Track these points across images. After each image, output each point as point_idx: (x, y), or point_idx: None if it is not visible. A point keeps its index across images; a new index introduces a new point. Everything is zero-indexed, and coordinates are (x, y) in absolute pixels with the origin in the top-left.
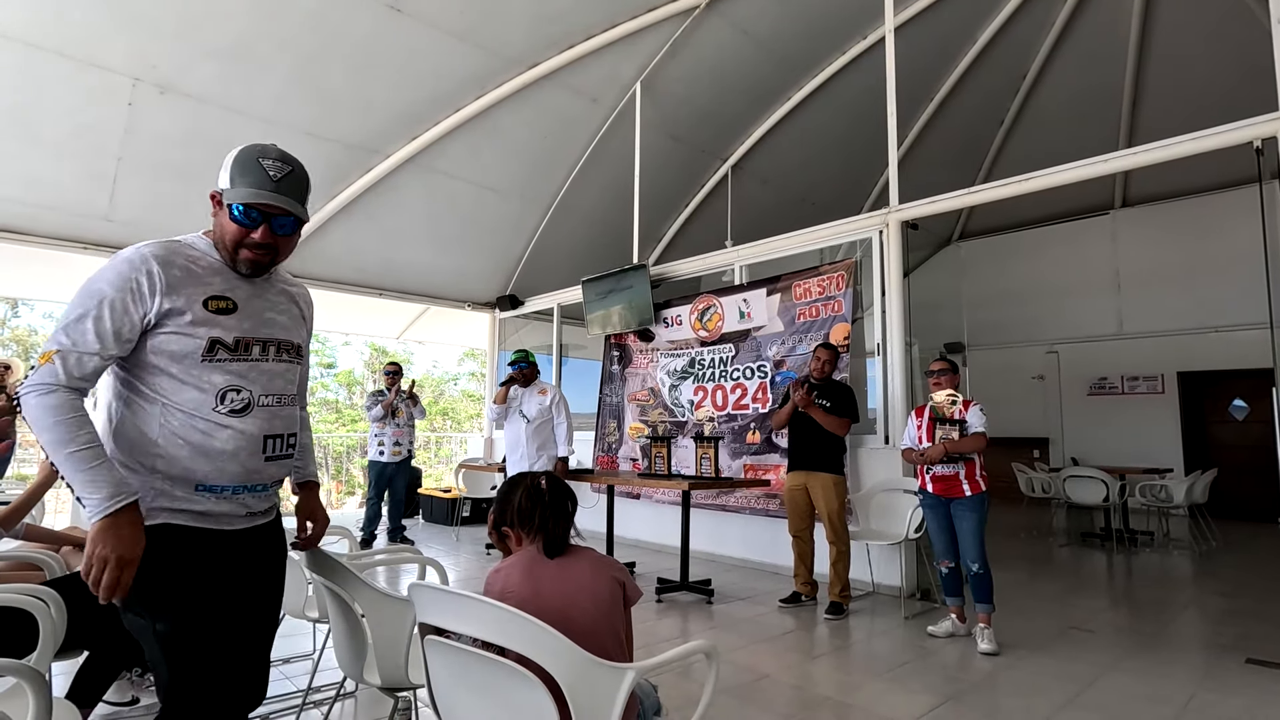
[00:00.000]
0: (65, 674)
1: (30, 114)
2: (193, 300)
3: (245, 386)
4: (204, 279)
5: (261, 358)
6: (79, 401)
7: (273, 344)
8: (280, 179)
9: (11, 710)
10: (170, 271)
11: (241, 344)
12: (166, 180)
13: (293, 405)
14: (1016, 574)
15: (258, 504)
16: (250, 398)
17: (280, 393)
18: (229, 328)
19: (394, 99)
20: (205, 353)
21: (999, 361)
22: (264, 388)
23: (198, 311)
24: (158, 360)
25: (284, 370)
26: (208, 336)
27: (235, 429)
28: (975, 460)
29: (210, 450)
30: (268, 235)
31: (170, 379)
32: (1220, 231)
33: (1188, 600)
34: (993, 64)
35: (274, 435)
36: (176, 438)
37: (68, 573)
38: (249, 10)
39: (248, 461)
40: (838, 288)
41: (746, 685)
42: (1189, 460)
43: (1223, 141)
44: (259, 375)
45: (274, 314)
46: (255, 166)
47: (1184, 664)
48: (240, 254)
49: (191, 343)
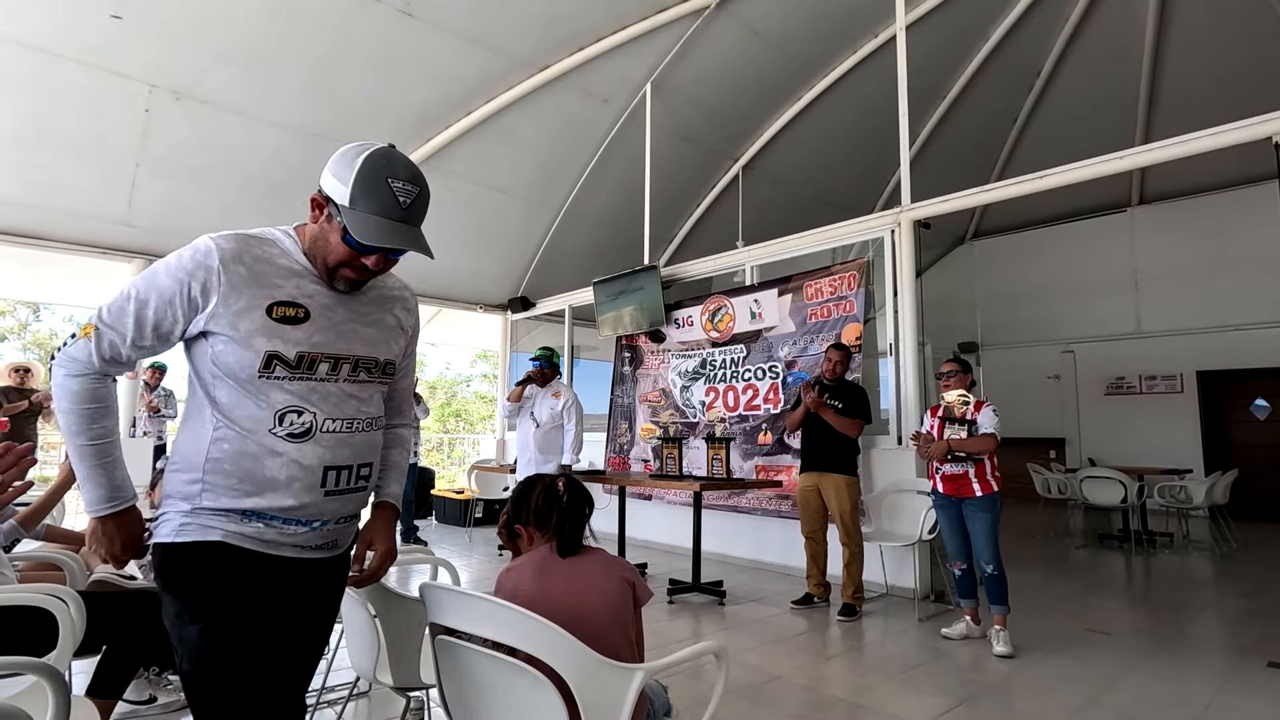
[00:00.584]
0: (84, 672)
1: (50, 121)
2: (254, 305)
3: (307, 408)
4: (274, 281)
5: (329, 377)
6: (103, 389)
7: (346, 361)
8: (410, 205)
9: (31, 708)
10: (235, 269)
11: (305, 360)
12: (183, 185)
13: (372, 430)
14: (1032, 575)
15: (312, 539)
16: (313, 421)
17: (352, 417)
18: (292, 340)
19: (405, 102)
20: (262, 368)
21: (1013, 361)
22: (331, 411)
23: (257, 319)
24: (217, 368)
25: (358, 391)
26: (265, 350)
27: (291, 456)
28: (986, 460)
29: (259, 477)
30: (381, 263)
31: (229, 389)
32: (1239, 228)
33: (1207, 602)
34: (1006, 61)
35: (339, 466)
36: (225, 458)
37: (87, 572)
38: (262, 16)
39: (302, 494)
40: (850, 287)
41: (758, 686)
42: (1209, 461)
43: (1241, 137)
44: (324, 397)
45: (356, 325)
46: (384, 190)
47: (1203, 666)
48: (340, 273)
49: (247, 355)
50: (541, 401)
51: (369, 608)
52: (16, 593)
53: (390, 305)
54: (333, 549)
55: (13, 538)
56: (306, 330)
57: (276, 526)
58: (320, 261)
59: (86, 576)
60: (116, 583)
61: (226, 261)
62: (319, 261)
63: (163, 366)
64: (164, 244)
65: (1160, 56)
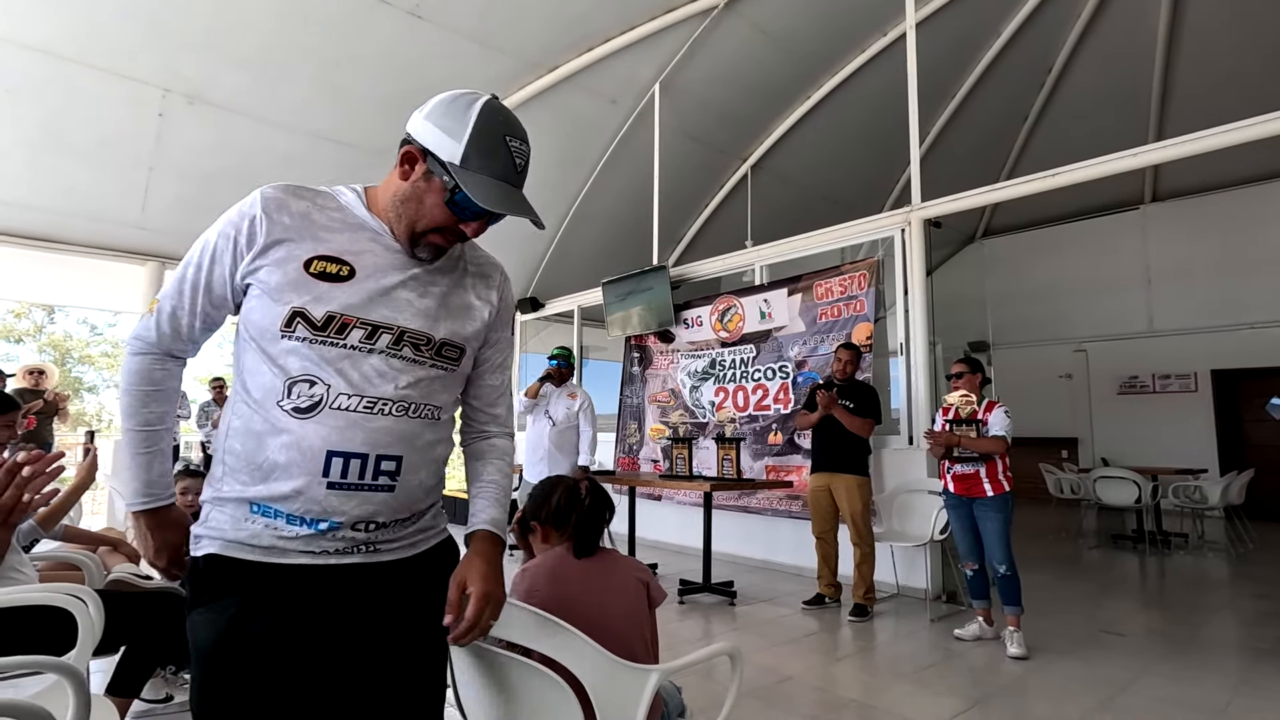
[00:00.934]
0: (101, 671)
1: (64, 126)
2: (293, 257)
3: (320, 379)
4: (320, 233)
5: (362, 346)
6: (160, 371)
7: (387, 331)
8: (523, 168)
9: (51, 706)
10: (278, 218)
11: (335, 323)
12: (196, 187)
13: (406, 418)
14: (1045, 576)
15: (325, 544)
16: (323, 394)
17: (380, 397)
18: (325, 299)
19: (415, 104)
20: (283, 325)
21: (1025, 360)
22: (349, 386)
23: (291, 271)
24: (245, 331)
25: (402, 370)
26: (291, 306)
27: (293, 435)
28: (997, 460)
29: (259, 459)
30: (480, 230)
31: (252, 354)
32: (1254, 225)
33: (1223, 603)
34: (1016, 58)
35: (347, 453)
36: (235, 436)
37: (105, 571)
38: (273, 20)
39: (302, 484)
40: (860, 287)
41: (770, 687)
42: (1224, 460)
43: (1256, 133)
44: (348, 368)
45: (410, 294)
46: (503, 149)
47: (1219, 669)
48: (428, 239)
49: (274, 310)
50: (557, 401)
51: None
52: (37, 592)
53: (467, 279)
54: (365, 554)
55: (32, 538)
56: (346, 290)
57: (278, 526)
58: (406, 224)
59: (104, 576)
60: (133, 583)
61: (270, 210)
62: (403, 224)
63: None
64: (176, 246)
65: (1173, 52)
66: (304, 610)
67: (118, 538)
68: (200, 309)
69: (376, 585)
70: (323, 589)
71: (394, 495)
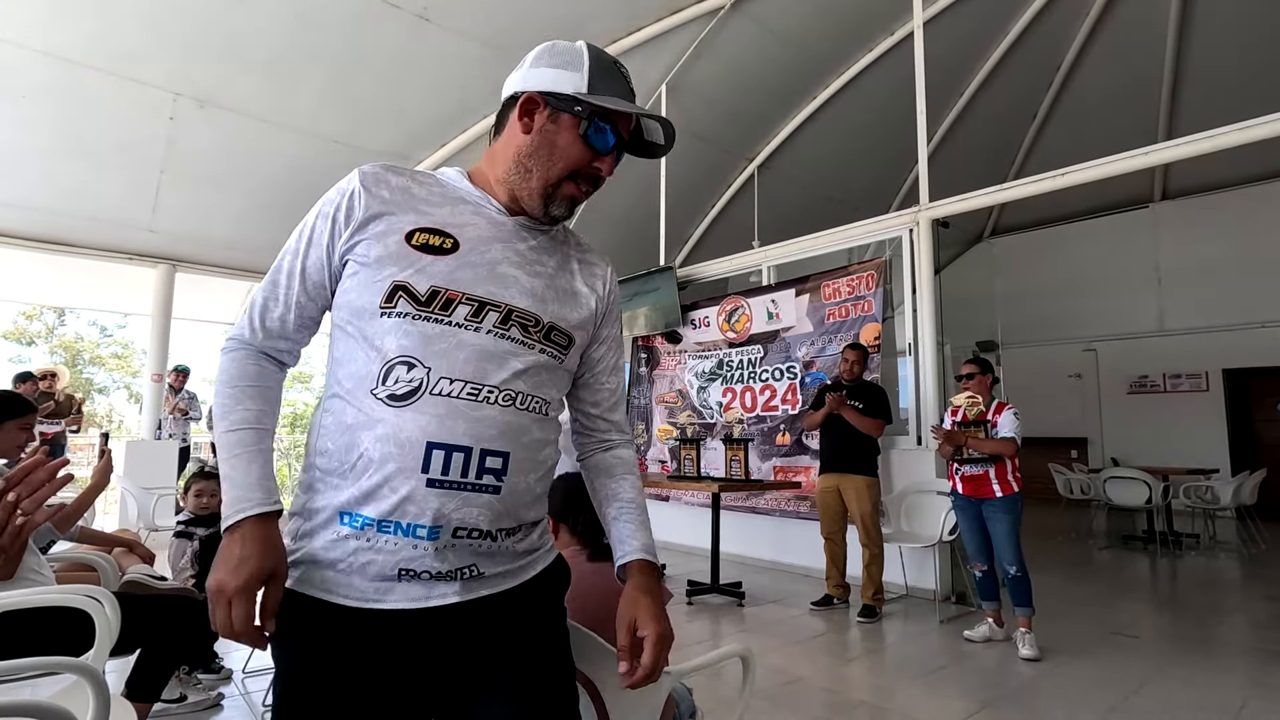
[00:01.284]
0: (116, 672)
1: (77, 130)
2: (394, 229)
3: (420, 362)
4: (420, 206)
5: (467, 324)
6: (255, 367)
7: (495, 309)
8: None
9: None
10: (378, 191)
11: (439, 298)
12: (206, 191)
13: (515, 410)
14: (1055, 577)
15: (423, 559)
16: (423, 379)
17: (485, 383)
18: (429, 273)
19: (424, 107)
20: (384, 302)
21: (1034, 360)
22: (452, 369)
23: (393, 244)
24: (339, 316)
25: (510, 351)
26: (392, 280)
27: (389, 425)
28: (1006, 461)
29: (351, 458)
30: (611, 169)
31: (345, 338)
32: (1265, 223)
33: (1235, 605)
34: (1025, 56)
35: (448, 445)
36: (327, 433)
37: (120, 572)
38: (284, 25)
39: (398, 481)
40: (867, 287)
41: (779, 688)
42: (1235, 460)
43: (1268, 131)
44: (453, 349)
45: (517, 271)
46: (618, 74)
47: (1233, 671)
48: (564, 189)
49: (374, 285)
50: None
51: None
52: (54, 594)
53: (573, 264)
54: (466, 583)
55: (48, 539)
56: (449, 264)
57: (371, 539)
58: (539, 179)
59: (119, 577)
60: (148, 584)
61: (368, 184)
62: (534, 180)
63: (186, 369)
64: (187, 250)
65: (1183, 49)
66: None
67: (132, 539)
68: (295, 299)
69: (482, 627)
70: (419, 639)
71: (499, 498)
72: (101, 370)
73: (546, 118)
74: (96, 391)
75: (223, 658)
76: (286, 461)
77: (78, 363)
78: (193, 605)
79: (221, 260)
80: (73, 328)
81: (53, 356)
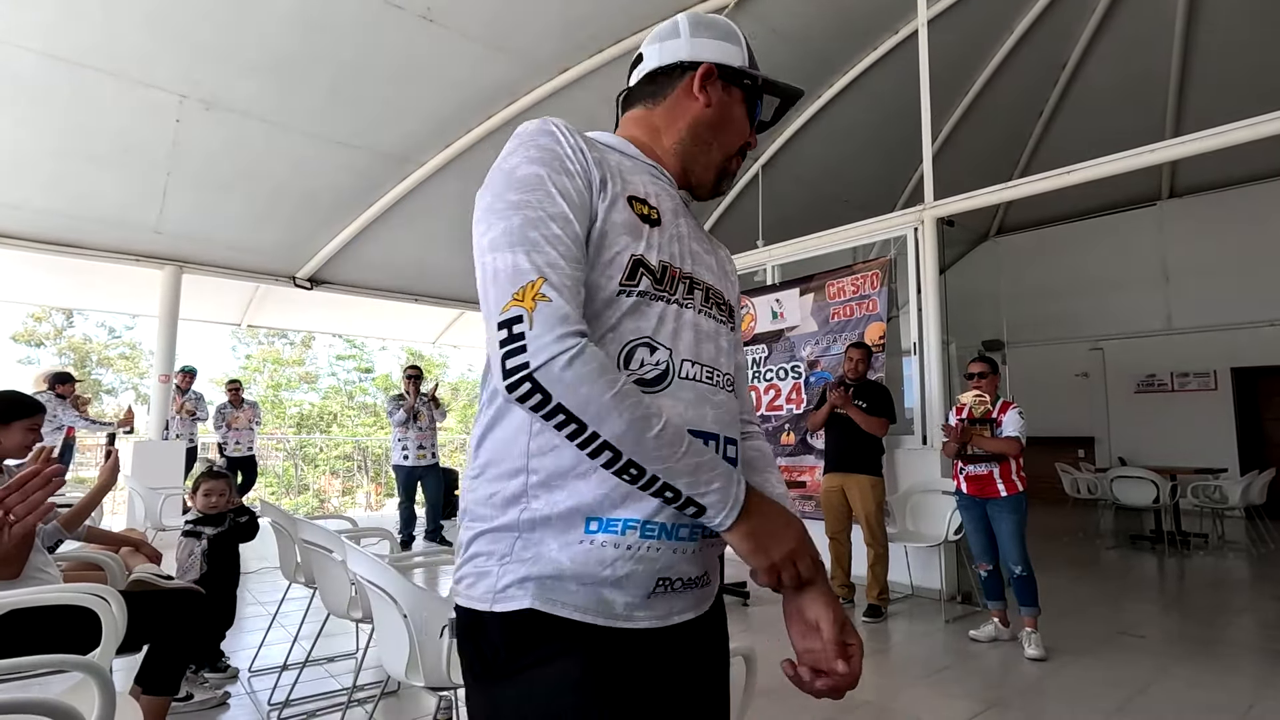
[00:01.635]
0: (123, 670)
1: (84, 132)
2: (617, 195)
3: (661, 343)
4: (621, 171)
5: (687, 303)
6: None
7: (700, 287)
8: None
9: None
10: (589, 148)
11: (667, 273)
12: (212, 193)
13: (732, 395)
14: (1062, 577)
15: (682, 564)
16: (669, 362)
17: (712, 365)
18: (653, 245)
19: (428, 108)
20: (625, 279)
21: (1040, 359)
22: (688, 350)
23: (622, 210)
24: None
25: (715, 330)
26: (631, 253)
27: None
28: (1011, 460)
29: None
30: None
31: None
32: (1274, 221)
33: (1244, 605)
34: (1030, 54)
35: (705, 434)
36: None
37: (126, 572)
38: (288, 27)
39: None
40: (872, 286)
41: (783, 687)
42: (1244, 459)
43: (1277, 128)
44: (684, 329)
45: (699, 248)
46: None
47: (1241, 671)
48: (730, 165)
49: (612, 259)
50: None
51: (400, 607)
52: (62, 592)
53: (717, 245)
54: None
55: (56, 539)
56: (661, 236)
57: (632, 545)
58: (720, 152)
59: (126, 576)
60: (154, 582)
61: (578, 134)
62: (713, 154)
63: (193, 370)
64: (193, 251)
65: (1190, 45)
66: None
67: (139, 538)
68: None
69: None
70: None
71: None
72: (110, 371)
73: (722, 89)
74: (105, 392)
75: (229, 656)
76: (293, 461)
77: (86, 364)
78: (199, 601)
79: (228, 261)
80: (81, 329)
81: (61, 358)
